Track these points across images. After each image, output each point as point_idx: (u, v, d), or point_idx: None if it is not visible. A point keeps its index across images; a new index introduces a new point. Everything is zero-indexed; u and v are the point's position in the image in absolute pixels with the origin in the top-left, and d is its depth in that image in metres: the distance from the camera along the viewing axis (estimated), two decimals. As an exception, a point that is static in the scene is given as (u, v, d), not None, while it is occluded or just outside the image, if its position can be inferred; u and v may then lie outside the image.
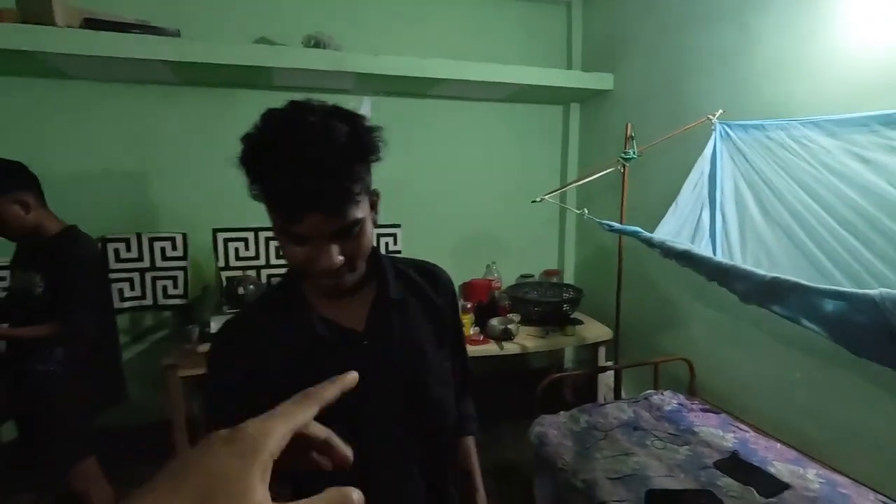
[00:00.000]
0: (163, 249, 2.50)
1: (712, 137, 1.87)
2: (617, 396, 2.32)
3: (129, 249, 2.44)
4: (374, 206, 0.78)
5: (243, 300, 2.38)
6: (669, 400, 2.14)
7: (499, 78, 2.58)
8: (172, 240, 2.51)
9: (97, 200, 2.42)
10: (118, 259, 2.43)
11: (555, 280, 3.12)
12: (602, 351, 2.69)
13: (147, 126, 2.47)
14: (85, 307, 1.63)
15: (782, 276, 1.14)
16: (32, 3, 1.95)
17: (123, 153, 2.46)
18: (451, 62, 2.49)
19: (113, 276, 2.39)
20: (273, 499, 0.27)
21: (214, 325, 2.28)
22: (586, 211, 1.87)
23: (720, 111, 1.91)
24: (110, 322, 1.82)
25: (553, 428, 1.96)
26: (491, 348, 2.46)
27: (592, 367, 2.54)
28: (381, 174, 2.73)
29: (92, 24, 2.02)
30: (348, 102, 2.59)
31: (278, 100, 2.73)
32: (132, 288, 2.47)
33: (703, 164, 1.84)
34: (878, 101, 1.50)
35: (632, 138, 2.02)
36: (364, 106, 2.81)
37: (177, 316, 2.54)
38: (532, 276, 3.17)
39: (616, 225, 1.73)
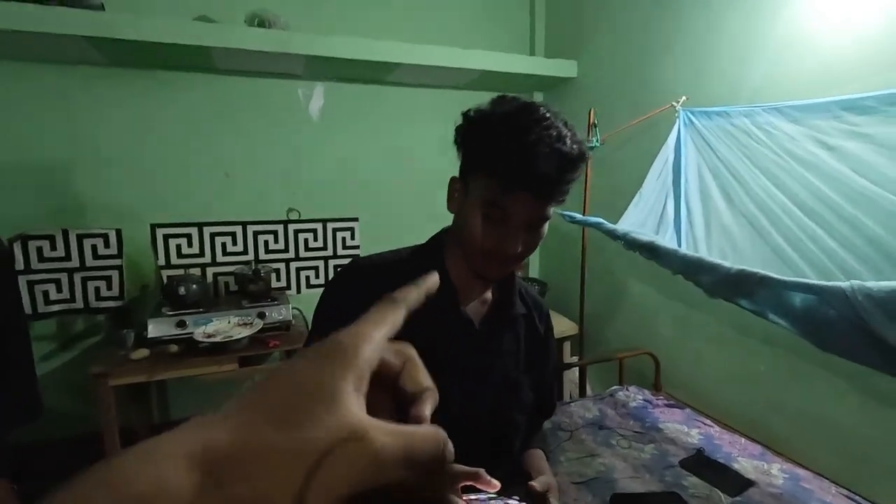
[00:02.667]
0: (94, 247, 2.28)
1: (676, 125, 1.81)
2: (582, 393, 2.26)
3: (53, 248, 2.21)
4: None
5: (185, 300, 2.20)
6: (635, 396, 2.09)
7: (459, 63, 2.46)
8: (105, 236, 2.29)
9: (14, 193, 2.18)
10: (41, 258, 2.19)
11: (519, 274, 3.04)
12: (567, 346, 2.63)
13: (73, 111, 2.24)
14: None
15: (750, 269, 1.07)
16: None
17: (46, 141, 2.22)
18: (407, 45, 2.35)
19: (36, 277, 2.17)
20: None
21: (152, 329, 2.10)
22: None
23: (683, 98, 1.85)
24: (21, 330, 1.62)
25: (516, 429, 1.88)
26: (453, 346, 2.35)
27: (559, 364, 2.47)
28: (336, 165, 2.57)
29: (-3, -6, 1.79)
30: (298, 87, 2.38)
31: (222, 84, 2.52)
32: (59, 290, 2.24)
33: (666, 152, 1.78)
34: (841, 86, 1.46)
35: (594, 126, 1.94)
36: (316, 92, 2.65)
37: (111, 319, 2.33)
38: (497, 270, 3.07)
39: (578, 216, 1.65)
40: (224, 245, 2.52)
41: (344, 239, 2.74)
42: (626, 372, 2.26)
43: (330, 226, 2.70)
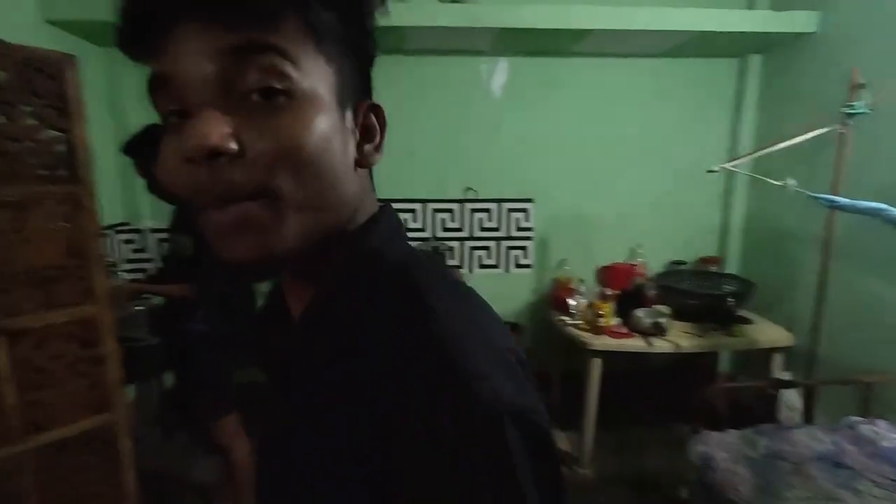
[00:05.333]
0: (299, 218, 2.57)
1: None
2: (807, 420, 1.86)
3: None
4: (366, 127, 0.42)
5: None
6: (886, 433, 1.63)
7: (662, 25, 2.15)
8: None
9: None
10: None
11: (714, 269, 2.64)
12: (777, 359, 2.19)
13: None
14: (218, 269, 1.65)
15: None
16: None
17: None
18: (604, 8, 2.12)
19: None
20: None
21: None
22: (793, 182, 1.44)
23: None
24: (248, 285, 1.86)
25: (722, 450, 1.61)
26: (636, 344, 2.13)
27: (775, 380, 2.07)
28: (514, 143, 2.46)
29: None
30: (482, 64, 2.32)
31: (410, 64, 2.57)
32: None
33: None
34: None
35: (861, 87, 1.52)
36: (499, 68, 2.58)
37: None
38: (684, 263, 2.71)
39: (843, 201, 1.29)
40: (406, 221, 2.62)
41: (518, 220, 2.66)
42: (872, 401, 1.79)
43: (505, 206, 2.64)
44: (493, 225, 2.65)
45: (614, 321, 2.24)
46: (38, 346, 1.26)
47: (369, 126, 0.43)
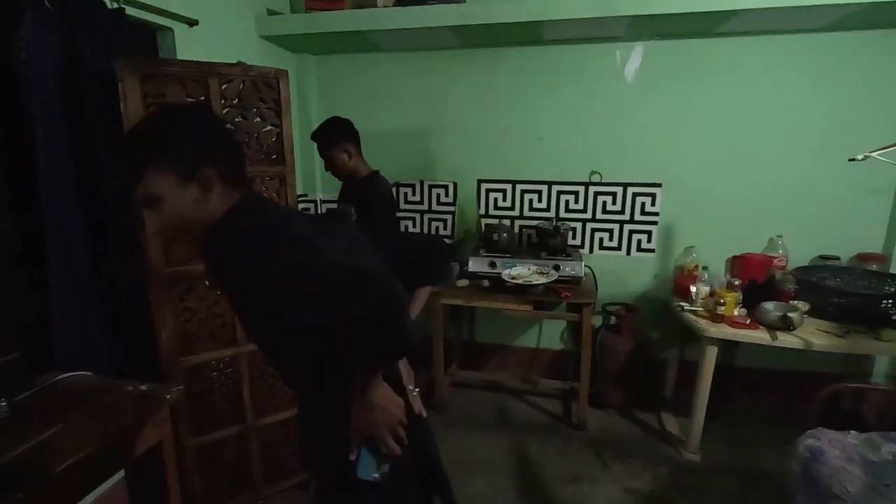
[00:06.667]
0: (438, 195, 2.93)
1: None
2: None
3: (414, 193, 2.95)
4: (203, 181, 0.87)
5: (497, 245, 2.60)
6: None
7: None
8: (446, 187, 2.91)
9: (396, 153, 2.93)
10: (406, 201, 2.96)
11: (874, 267, 2.37)
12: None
13: (433, 88, 2.83)
14: (380, 232, 2.05)
15: None
16: (361, -10, 2.44)
17: (415, 112, 2.90)
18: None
19: (401, 214, 2.93)
20: None
21: (472, 265, 2.58)
22: (942, 174, 1.33)
23: None
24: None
25: (836, 447, 1.56)
26: (758, 336, 2.07)
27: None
28: (645, 128, 2.50)
29: (401, 1, 2.41)
30: (616, 50, 2.41)
31: (545, 54, 2.75)
32: (414, 225, 2.99)
33: None
34: None
35: None
36: (634, 53, 2.59)
37: (443, 253, 2.97)
38: (837, 258, 2.48)
39: None
40: (531, 201, 2.83)
41: (643, 204, 2.68)
42: None
43: (630, 190, 2.68)
44: (616, 208, 2.71)
45: (738, 311, 2.20)
46: (255, 279, 1.78)
47: (206, 179, 0.87)
